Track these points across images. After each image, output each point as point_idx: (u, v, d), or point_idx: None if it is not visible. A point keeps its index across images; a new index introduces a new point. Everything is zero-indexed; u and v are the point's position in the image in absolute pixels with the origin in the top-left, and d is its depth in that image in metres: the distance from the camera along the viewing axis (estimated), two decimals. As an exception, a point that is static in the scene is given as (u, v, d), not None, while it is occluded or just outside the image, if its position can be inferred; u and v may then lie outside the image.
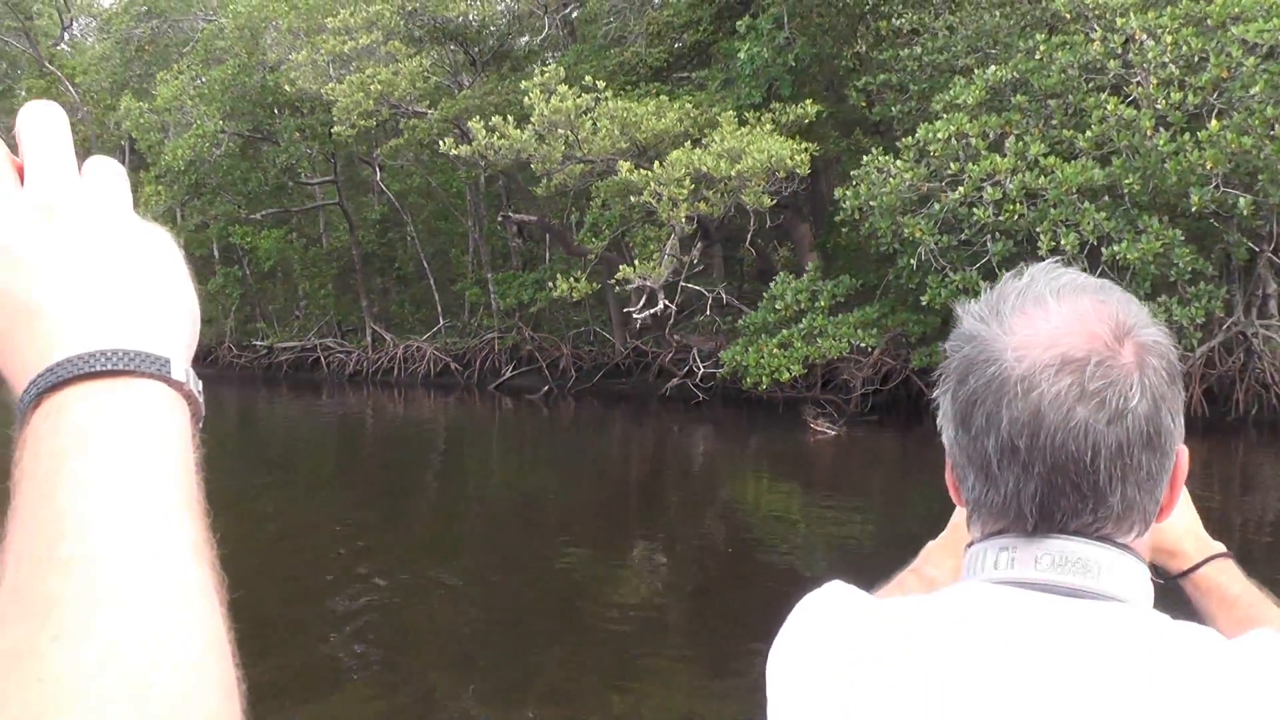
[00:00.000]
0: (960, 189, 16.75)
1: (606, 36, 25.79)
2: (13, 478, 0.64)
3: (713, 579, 10.84)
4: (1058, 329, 1.06)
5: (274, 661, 8.02)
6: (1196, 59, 16.03)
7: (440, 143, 20.61)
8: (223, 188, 33.00)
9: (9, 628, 0.58)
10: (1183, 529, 1.46)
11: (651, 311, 18.91)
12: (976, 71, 17.90)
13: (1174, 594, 1.40)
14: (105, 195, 0.75)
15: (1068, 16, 17.55)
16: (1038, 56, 17.30)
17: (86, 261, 0.70)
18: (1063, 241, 16.32)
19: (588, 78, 19.57)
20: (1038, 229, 16.44)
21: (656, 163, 18.28)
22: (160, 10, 35.93)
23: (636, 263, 19.22)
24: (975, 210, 16.67)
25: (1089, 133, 16.54)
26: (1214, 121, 15.92)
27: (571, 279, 20.90)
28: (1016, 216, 16.58)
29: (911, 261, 17.38)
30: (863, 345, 18.88)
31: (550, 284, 22.14)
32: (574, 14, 28.05)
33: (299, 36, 27.11)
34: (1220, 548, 1.47)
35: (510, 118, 19.38)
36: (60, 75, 40.15)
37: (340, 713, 7.37)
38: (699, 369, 22.60)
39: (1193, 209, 16.05)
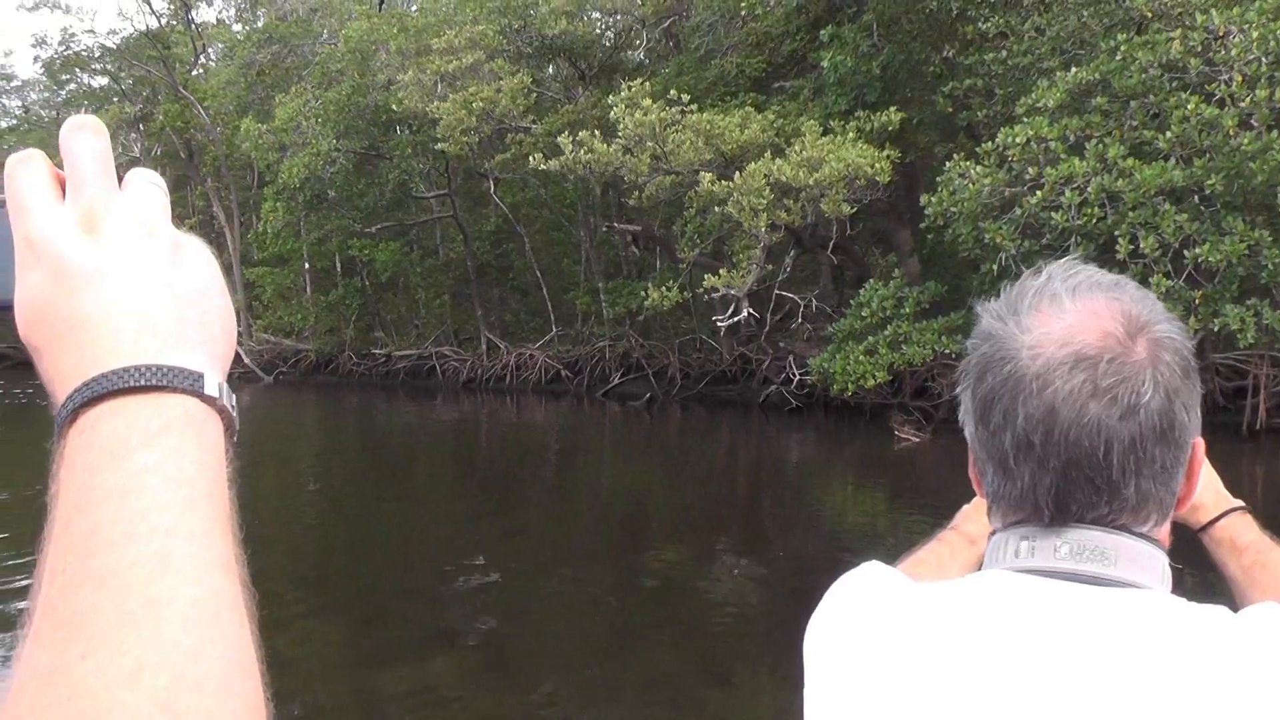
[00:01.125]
0: (1039, 193, 16.70)
1: (702, 49, 26.15)
2: (50, 492, 0.66)
3: (804, 586, 11.03)
4: (1072, 327, 1.08)
5: (391, 658, 8.55)
6: (1285, 53, 15.74)
7: (531, 158, 21.19)
8: (339, 203, 34.24)
9: (42, 645, 0.59)
10: (1203, 485, 1.46)
11: (736, 319, 19.21)
12: (1059, 74, 17.79)
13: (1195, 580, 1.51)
14: (145, 208, 0.76)
15: (1149, 15, 17.36)
16: (1119, 57, 17.12)
17: (125, 275, 0.71)
18: (1142, 244, 16.20)
19: (673, 91, 19.94)
20: (1116, 232, 16.33)
21: (738, 173, 18.57)
22: (281, 36, 37.36)
23: (722, 271, 19.52)
24: (1054, 214, 16.61)
25: (1169, 133, 16.33)
26: (1302, 119, 15.67)
27: (664, 288, 21.28)
28: (1095, 220, 16.47)
29: (994, 267, 17.35)
30: (948, 352, 18.86)
31: (643, 293, 22.55)
32: (673, 27, 28.45)
33: (408, 57, 28.06)
34: (1239, 503, 1.56)
35: (598, 132, 19.88)
36: (193, 99, 41.95)
37: (449, 705, 7.79)
38: (795, 376, 22.81)
39: (1280, 209, 15.78)
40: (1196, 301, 16.43)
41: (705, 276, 19.93)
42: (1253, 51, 15.75)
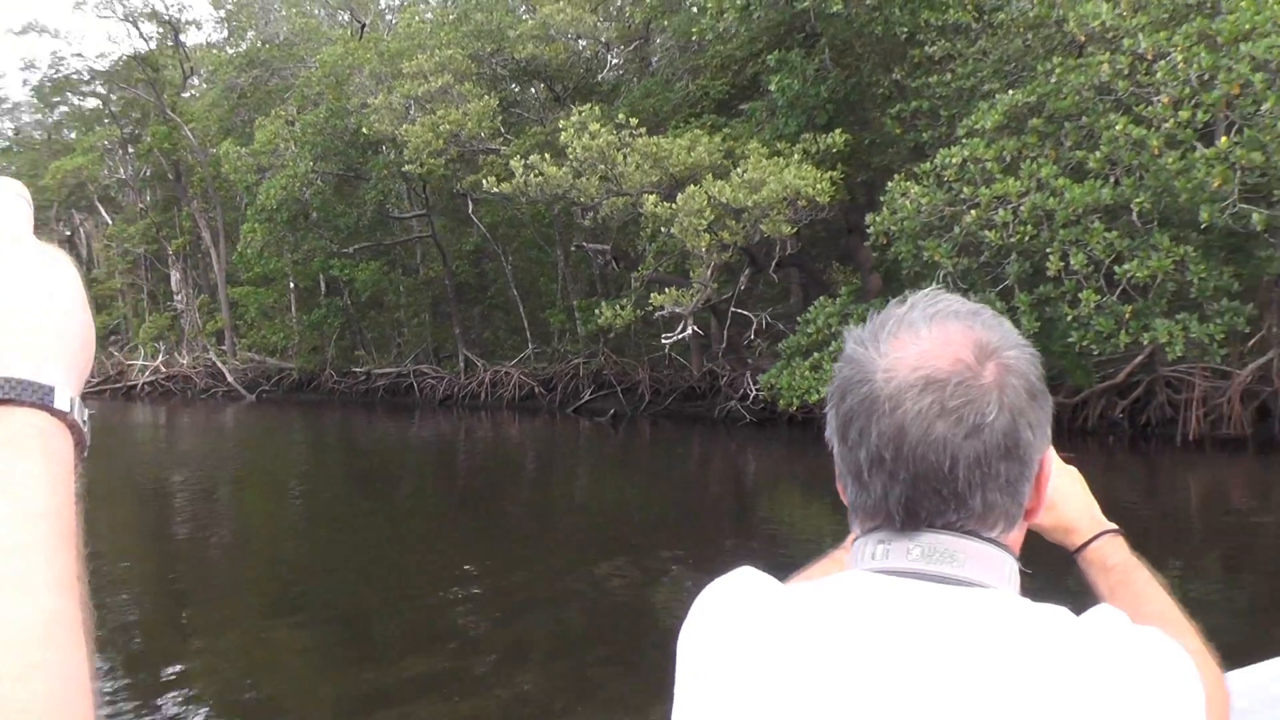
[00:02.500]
0: (974, 212, 17.15)
1: (668, 72, 26.65)
2: None
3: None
4: (925, 352, 1.13)
5: (374, 668, 8.82)
6: (1207, 77, 16.20)
7: (485, 180, 21.64)
8: (319, 224, 34.77)
9: None
10: (1080, 509, 1.59)
11: (682, 336, 19.63)
12: (998, 96, 18.27)
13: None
14: (7, 218, 0.74)
15: (1081, 39, 17.83)
16: (1054, 80, 17.60)
17: None
18: (1072, 261, 16.63)
19: (621, 115, 20.39)
20: (1048, 249, 16.76)
21: (680, 195, 19.01)
22: (262, 60, 37.95)
23: (668, 290, 19.95)
24: (988, 233, 17.05)
25: (1099, 153, 16.79)
26: (1224, 138, 16.08)
27: (618, 307, 21.72)
28: (1029, 237, 16.91)
29: (934, 284, 17.71)
30: (892, 366, 19.03)
31: (597, 312, 22.97)
32: (641, 50, 28.96)
33: (382, 81, 28.57)
34: (1112, 526, 1.60)
35: (548, 155, 20.36)
36: (180, 121, 42.53)
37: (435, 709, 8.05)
38: (751, 392, 23.23)
39: (1202, 225, 16.19)
40: (1127, 316, 16.84)
41: (651, 295, 20.34)
42: (1178, 75, 16.20)
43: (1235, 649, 3.24)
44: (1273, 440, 19.88)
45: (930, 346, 1.14)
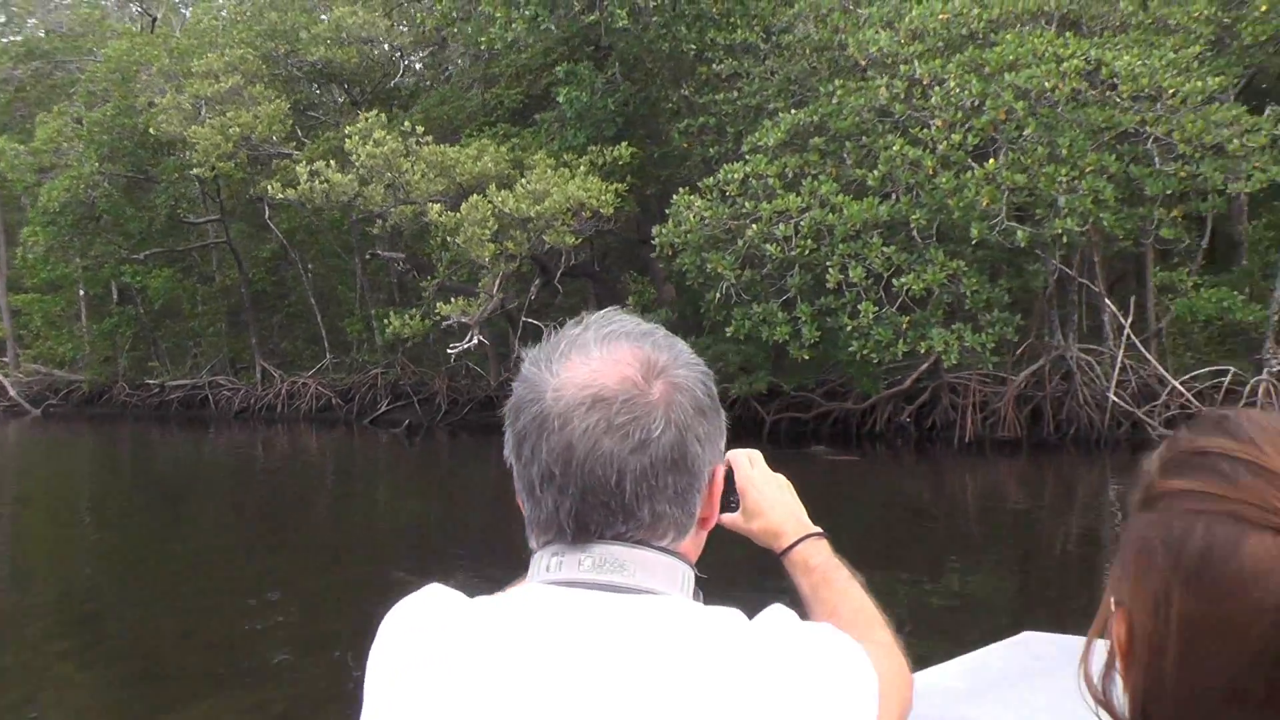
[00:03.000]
0: (756, 226, 17.48)
1: (464, 80, 26.46)
2: None
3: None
4: (595, 371, 1.18)
5: (171, 706, 8.34)
6: (977, 103, 16.89)
7: (269, 186, 21.12)
8: (108, 228, 33.34)
9: None
10: (786, 514, 1.63)
11: (468, 345, 19.47)
12: (782, 114, 18.68)
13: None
14: None
15: (863, 63, 18.38)
16: (835, 101, 18.11)
17: None
18: (851, 274, 17.09)
19: (407, 123, 20.14)
20: (828, 263, 17.20)
21: (464, 204, 18.86)
22: (44, 51, 36.25)
23: (454, 299, 19.77)
24: (769, 246, 17.40)
25: (877, 171, 17.33)
26: (991, 160, 16.79)
27: (406, 316, 21.42)
28: (809, 251, 17.32)
29: (716, 295, 18.08)
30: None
31: (386, 321, 22.63)
32: (437, 57, 28.68)
33: (172, 79, 27.57)
34: (816, 529, 1.64)
35: (334, 162, 19.96)
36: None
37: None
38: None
39: (973, 241, 16.88)
40: (905, 326, 17.43)
41: (438, 305, 20.12)
42: (951, 100, 16.84)
43: (1005, 631, 3.34)
44: (1044, 442, 21.03)
45: (600, 366, 1.18)
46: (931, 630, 9.79)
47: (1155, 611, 0.90)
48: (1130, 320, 20.39)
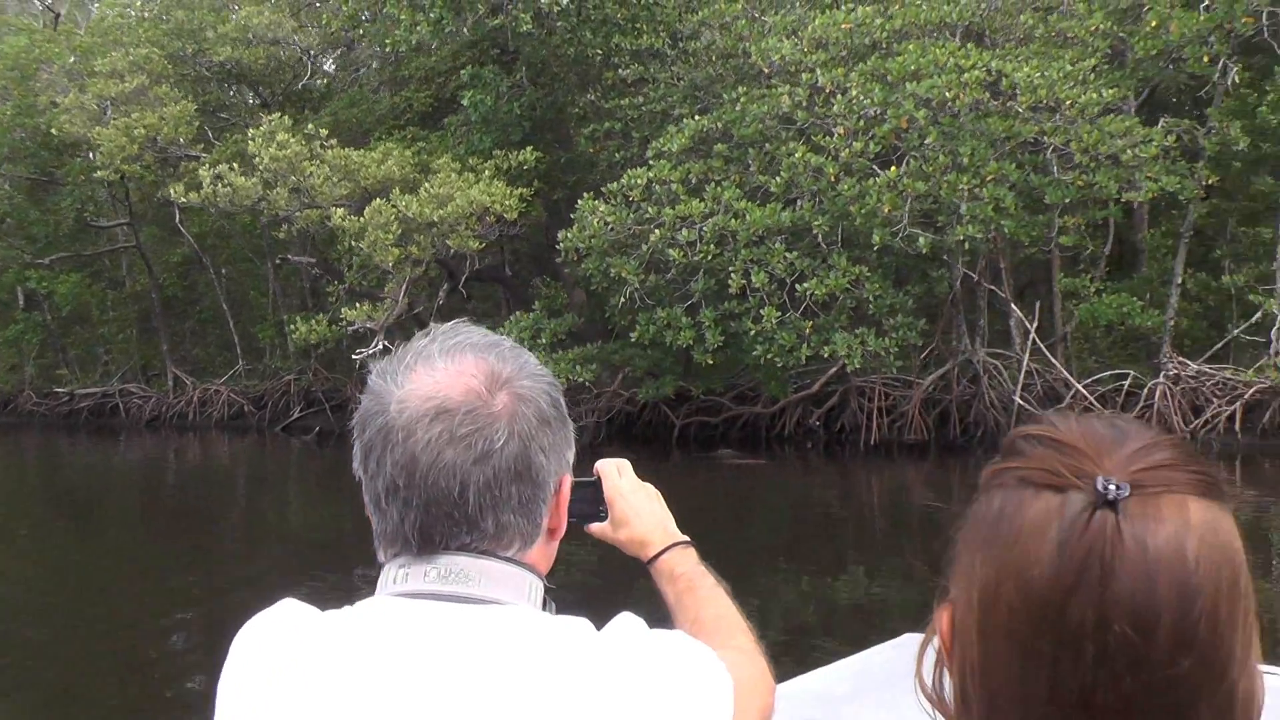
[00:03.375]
0: (659, 231, 17.50)
1: (373, 82, 26.26)
2: None
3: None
4: (439, 383, 1.19)
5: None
6: (880, 111, 17.05)
7: (172, 190, 20.80)
8: (11, 232, 32.58)
9: None
10: (653, 523, 1.65)
11: (372, 351, 19.28)
12: (686, 120, 18.74)
13: None
14: None
15: (766, 71, 18.48)
16: (739, 108, 18.19)
17: None
18: (754, 279, 17.16)
19: (311, 125, 19.94)
20: (731, 268, 17.26)
21: (367, 209, 18.71)
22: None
23: (359, 305, 19.60)
24: (672, 251, 17.43)
25: (780, 178, 17.43)
26: (893, 168, 16.96)
27: (312, 322, 21.18)
28: (712, 256, 17.37)
29: (621, 300, 18.10)
30: (581, 381, 19.34)
31: (292, 327, 22.36)
32: (346, 59, 28.42)
33: (75, 78, 27.01)
34: (683, 538, 1.65)
35: (237, 165, 19.70)
36: None
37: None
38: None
39: (875, 247, 17.04)
40: (808, 331, 17.54)
41: (344, 310, 19.93)
42: (853, 108, 16.99)
43: (908, 632, 3.33)
44: (951, 444, 21.32)
45: (444, 378, 1.19)
46: (835, 631, 9.88)
47: (966, 590, 0.91)
48: (1036, 325, 20.65)
